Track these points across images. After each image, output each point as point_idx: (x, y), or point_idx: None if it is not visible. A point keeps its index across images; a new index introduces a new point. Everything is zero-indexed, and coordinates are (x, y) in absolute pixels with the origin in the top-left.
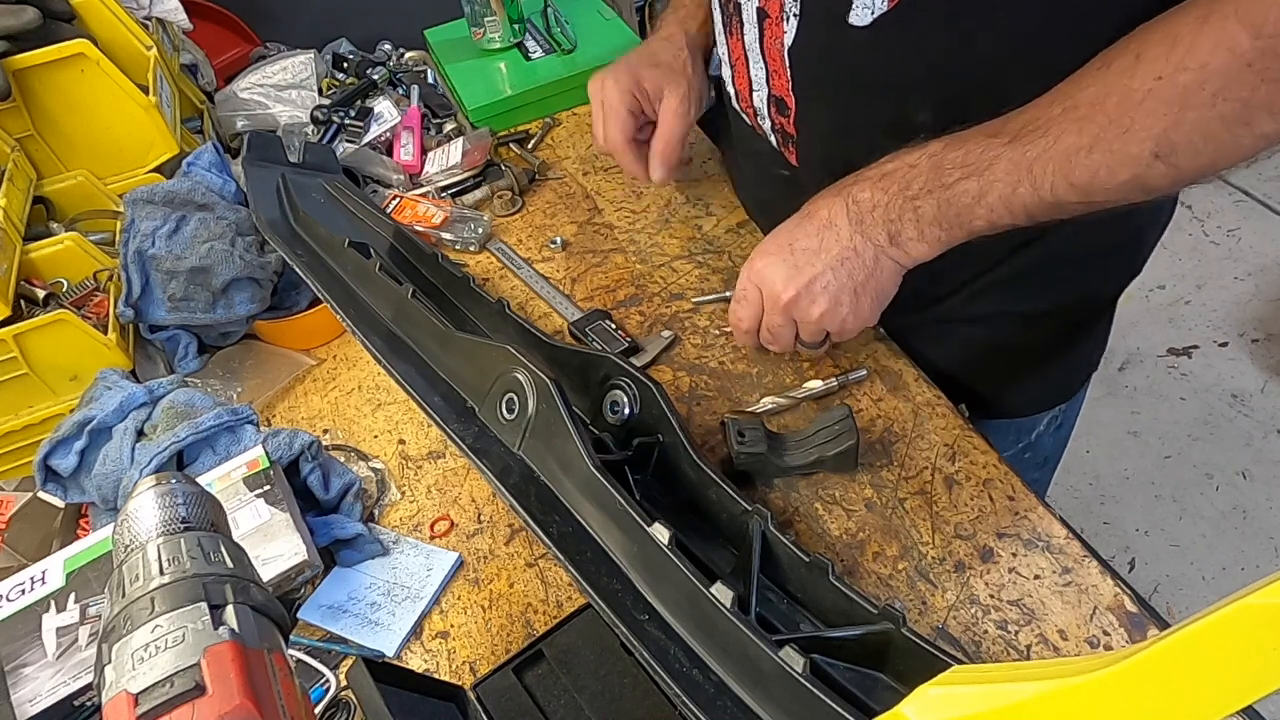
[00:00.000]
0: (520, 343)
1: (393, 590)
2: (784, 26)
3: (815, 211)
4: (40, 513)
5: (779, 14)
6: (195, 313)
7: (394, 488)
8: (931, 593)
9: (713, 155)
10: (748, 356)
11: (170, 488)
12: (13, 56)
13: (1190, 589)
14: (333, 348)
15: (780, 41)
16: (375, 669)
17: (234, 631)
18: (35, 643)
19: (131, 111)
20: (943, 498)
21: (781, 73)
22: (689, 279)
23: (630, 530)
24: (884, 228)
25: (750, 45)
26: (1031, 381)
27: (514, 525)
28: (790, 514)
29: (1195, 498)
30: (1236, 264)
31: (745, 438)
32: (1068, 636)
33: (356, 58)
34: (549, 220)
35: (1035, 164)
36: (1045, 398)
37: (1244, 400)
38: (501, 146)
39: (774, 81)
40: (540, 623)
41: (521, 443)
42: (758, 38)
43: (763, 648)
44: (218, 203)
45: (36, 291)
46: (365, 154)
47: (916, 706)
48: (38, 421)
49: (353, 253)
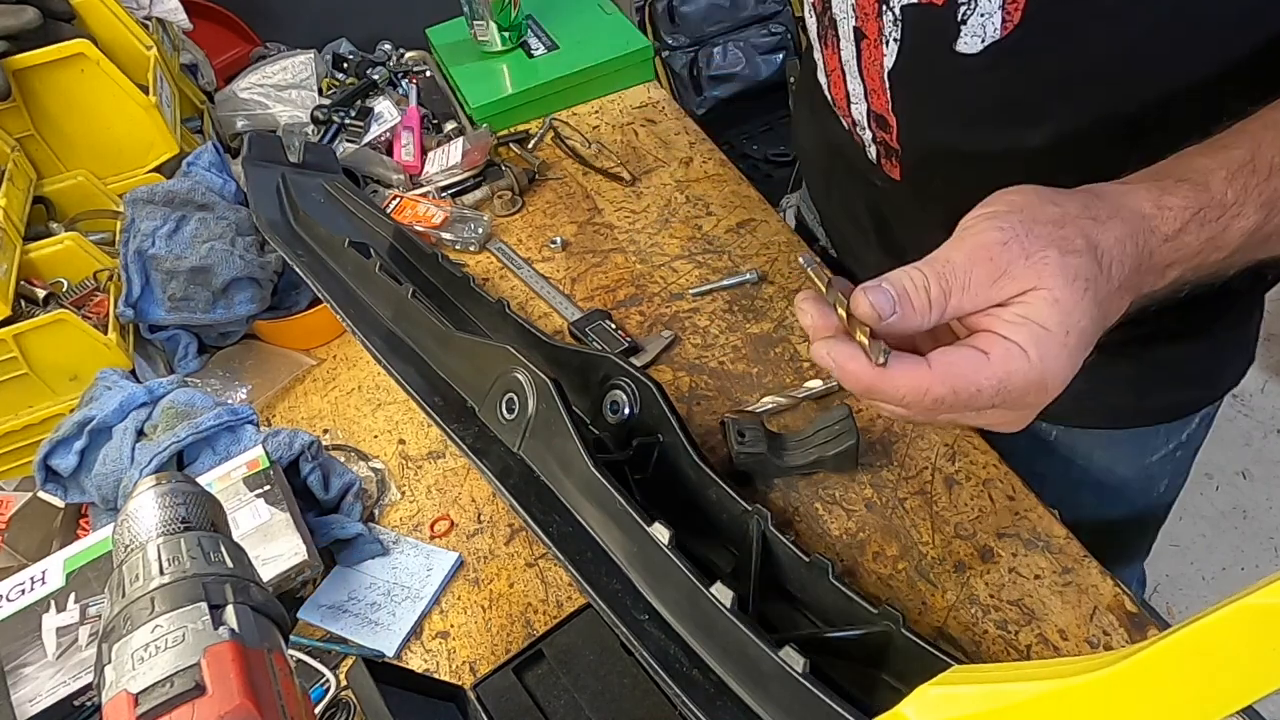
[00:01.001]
0: (520, 343)
1: (393, 590)
2: (883, 50)
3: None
4: (40, 513)
5: (878, 37)
6: (195, 313)
7: (394, 488)
8: (931, 593)
9: (712, 155)
10: (747, 356)
11: (170, 488)
12: (13, 56)
13: (1190, 589)
14: (333, 348)
15: (880, 64)
16: (375, 669)
17: (234, 631)
18: (35, 643)
19: (131, 111)
20: (943, 498)
21: (881, 93)
22: (689, 279)
23: (630, 530)
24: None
25: (847, 61)
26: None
27: (514, 525)
28: (790, 514)
29: (1195, 498)
30: None
31: (745, 438)
32: (1068, 636)
33: (356, 58)
34: (549, 220)
35: None
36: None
37: (1244, 400)
38: (501, 146)
39: (873, 100)
40: (540, 623)
41: (521, 443)
42: (854, 55)
43: (763, 648)
44: (218, 203)
45: (36, 291)
46: (365, 154)
47: (916, 706)
48: (38, 421)
49: (353, 253)
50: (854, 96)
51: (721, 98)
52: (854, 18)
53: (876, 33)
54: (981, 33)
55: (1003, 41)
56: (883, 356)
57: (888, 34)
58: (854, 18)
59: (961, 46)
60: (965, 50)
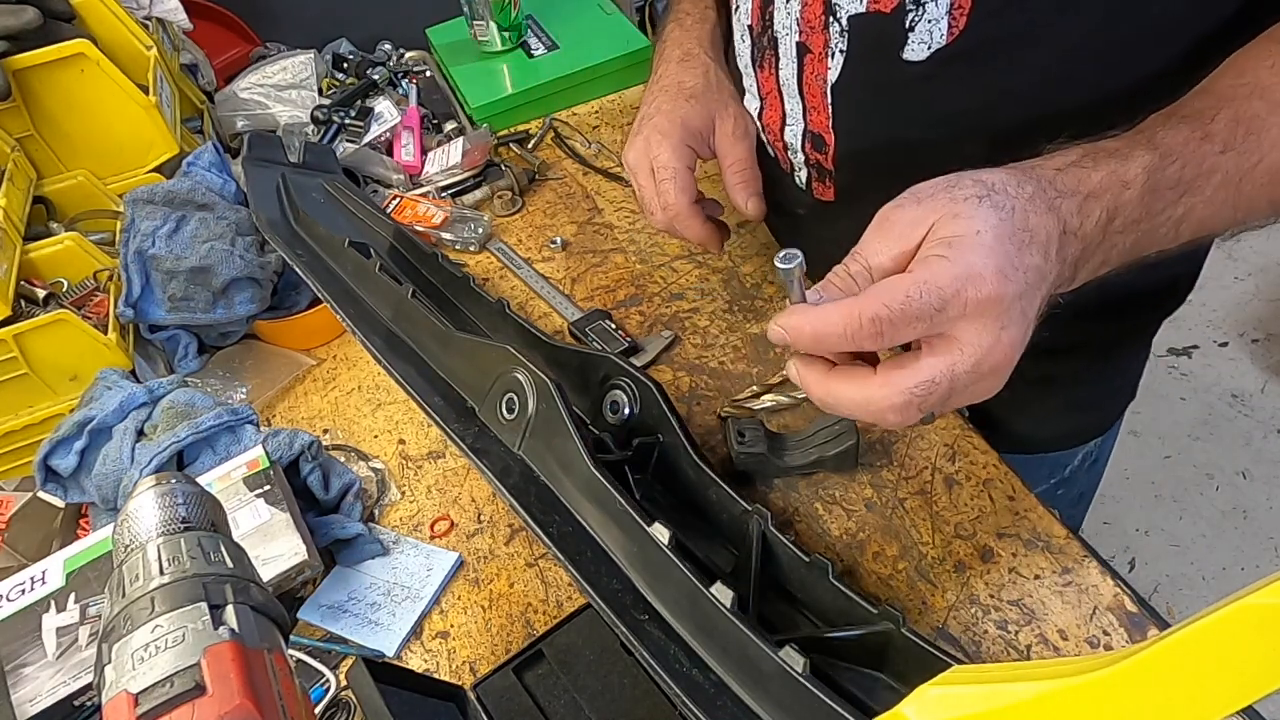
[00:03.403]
0: (520, 343)
1: (393, 590)
2: (828, 63)
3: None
4: (40, 513)
5: (822, 50)
6: (195, 313)
7: (394, 488)
8: (931, 593)
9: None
10: (747, 356)
11: (170, 488)
12: (13, 56)
13: (1190, 589)
14: (333, 348)
15: (823, 78)
16: (375, 669)
17: (234, 631)
18: (35, 643)
19: (131, 111)
20: (943, 498)
21: (821, 109)
22: (689, 279)
23: (630, 530)
24: (1073, 268)
25: (786, 81)
26: (1067, 415)
27: (514, 525)
28: (790, 514)
29: (1195, 498)
30: (1236, 264)
31: (745, 438)
32: (1068, 636)
33: (356, 58)
34: (549, 220)
35: (1246, 178)
36: (1080, 432)
37: (1244, 400)
38: (501, 146)
39: (812, 118)
40: (540, 623)
41: (521, 443)
42: (795, 73)
43: (763, 648)
44: (218, 203)
45: (36, 291)
46: (365, 154)
47: (916, 706)
48: (38, 421)
49: (353, 253)
50: (790, 118)
51: None
52: (798, 33)
53: (821, 45)
54: (928, 39)
55: (948, 48)
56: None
57: (833, 45)
58: (798, 33)
59: (908, 54)
60: (911, 58)
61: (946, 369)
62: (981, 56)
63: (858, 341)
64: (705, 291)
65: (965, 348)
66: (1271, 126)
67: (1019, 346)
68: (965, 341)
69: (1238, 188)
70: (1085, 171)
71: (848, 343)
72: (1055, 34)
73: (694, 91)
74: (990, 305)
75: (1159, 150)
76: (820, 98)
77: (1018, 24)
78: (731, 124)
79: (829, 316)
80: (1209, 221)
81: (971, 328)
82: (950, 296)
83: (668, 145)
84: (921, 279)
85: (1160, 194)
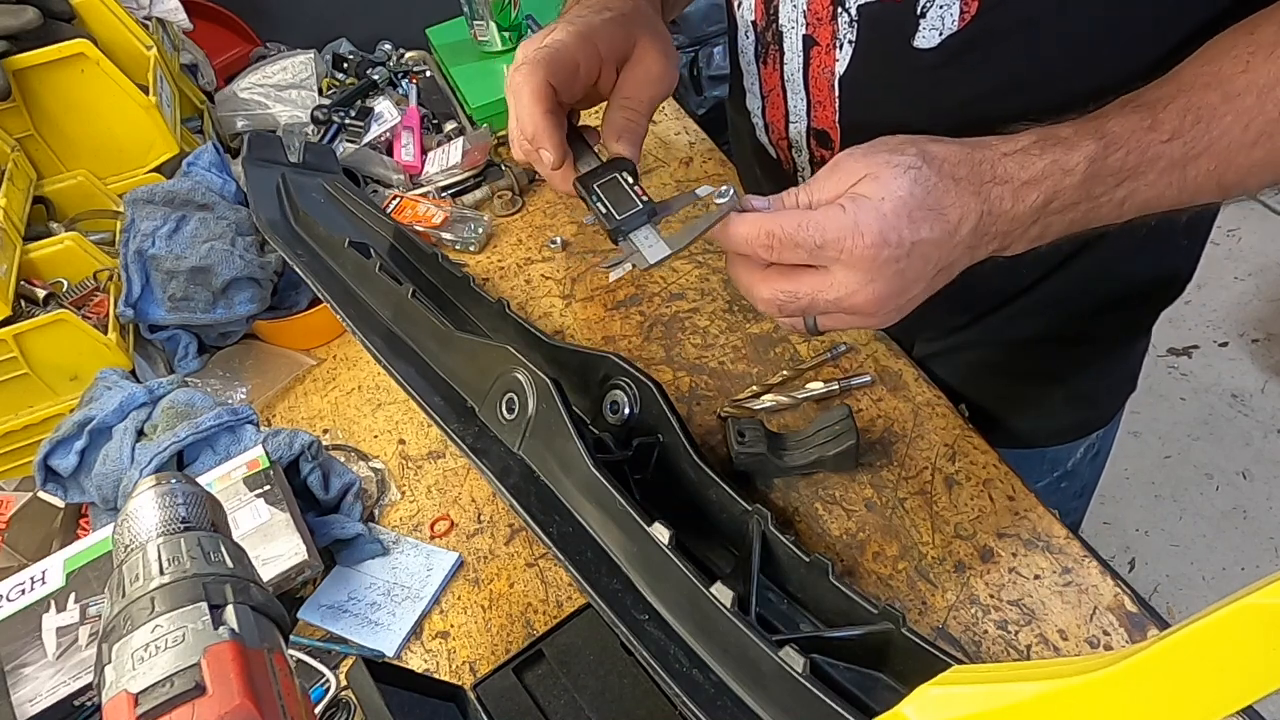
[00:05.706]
0: (520, 343)
1: (393, 590)
2: (835, 55)
3: (945, 209)
4: (40, 513)
5: (830, 42)
6: (195, 313)
7: (394, 488)
8: (931, 593)
9: (712, 155)
10: (747, 356)
11: (170, 488)
12: (13, 56)
13: (1190, 589)
14: (333, 348)
15: (830, 71)
16: (375, 669)
17: (234, 631)
18: (35, 643)
19: (131, 111)
20: (943, 498)
21: (827, 103)
22: (689, 279)
23: (630, 530)
24: (1000, 241)
25: (791, 76)
26: (1069, 409)
27: (514, 525)
28: (790, 514)
29: (1195, 498)
30: (1236, 264)
31: (745, 438)
32: (1068, 636)
33: (356, 58)
34: (549, 220)
35: (1191, 164)
36: (1081, 425)
37: (1244, 400)
38: (501, 146)
39: (817, 114)
40: (540, 623)
41: (521, 443)
42: (801, 67)
43: (763, 648)
44: (218, 203)
45: (36, 291)
46: (365, 154)
47: (916, 706)
48: (38, 421)
49: (353, 253)
50: (794, 114)
51: (722, 98)
52: (804, 25)
53: (829, 38)
54: (940, 25)
55: (959, 34)
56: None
57: (841, 37)
58: (804, 25)
59: (919, 41)
60: (922, 45)
61: (810, 290)
62: (992, 44)
63: (754, 248)
64: (705, 291)
65: (833, 283)
66: (1223, 115)
67: (891, 299)
68: (835, 278)
69: (1183, 173)
70: (1031, 158)
71: (748, 247)
72: (1064, 19)
73: (609, 5)
74: (861, 260)
75: (1105, 139)
76: (827, 91)
77: (1027, 8)
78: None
79: (747, 221)
80: (1154, 202)
81: (842, 271)
82: (830, 240)
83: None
84: (815, 218)
85: (1101, 179)
